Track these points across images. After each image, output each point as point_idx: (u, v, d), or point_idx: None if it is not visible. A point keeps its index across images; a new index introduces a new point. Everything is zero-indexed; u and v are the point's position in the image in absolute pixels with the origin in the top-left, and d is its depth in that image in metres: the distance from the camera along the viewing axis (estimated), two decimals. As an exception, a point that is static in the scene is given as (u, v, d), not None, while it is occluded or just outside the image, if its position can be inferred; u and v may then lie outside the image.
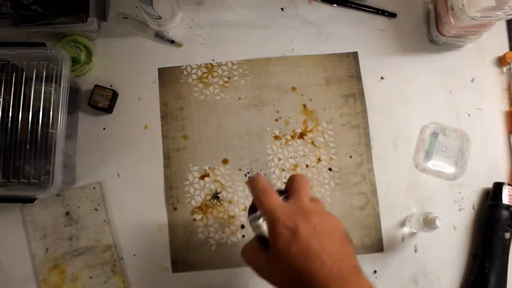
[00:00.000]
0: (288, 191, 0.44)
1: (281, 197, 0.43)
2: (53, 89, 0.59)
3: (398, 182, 0.64)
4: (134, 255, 0.63)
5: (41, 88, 0.59)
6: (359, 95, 0.66)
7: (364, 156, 0.65)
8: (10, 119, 0.59)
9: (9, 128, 0.59)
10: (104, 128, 0.66)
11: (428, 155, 0.65)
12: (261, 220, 0.43)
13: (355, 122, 0.65)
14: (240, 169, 0.64)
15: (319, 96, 0.66)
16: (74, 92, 0.65)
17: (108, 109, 0.65)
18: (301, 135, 0.65)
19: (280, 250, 0.39)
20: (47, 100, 0.59)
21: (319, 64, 0.66)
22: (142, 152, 0.65)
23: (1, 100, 0.59)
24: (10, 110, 0.59)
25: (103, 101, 0.64)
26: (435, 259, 0.63)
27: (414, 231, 0.62)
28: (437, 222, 0.55)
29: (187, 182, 0.64)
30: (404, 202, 0.64)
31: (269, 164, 0.64)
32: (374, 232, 0.63)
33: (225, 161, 0.64)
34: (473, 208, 0.64)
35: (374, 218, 0.63)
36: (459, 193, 0.65)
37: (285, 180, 0.63)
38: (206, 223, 0.63)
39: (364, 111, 0.66)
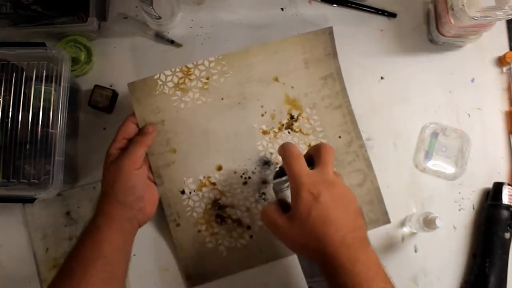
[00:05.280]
0: (314, 159, 0.47)
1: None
2: (53, 89, 0.59)
3: (398, 182, 0.64)
4: (134, 255, 0.63)
5: (41, 88, 0.59)
6: (337, 74, 0.65)
7: (352, 133, 0.64)
8: (10, 119, 0.59)
9: (9, 128, 0.59)
10: (104, 128, 0.66)
11: (428, 155, 0.65)
12: (286, 185, 0.47)
13: (337, 103, 0.64)
14: (235, 172, 0.63)
15: (300, 81, 0.64)
16: (74, 92, 0.65)
17: (108, 109, 0.65)
18: (288, 126, 0.64)
19: (301, 212, 0.43)
20: (47, 100, 0.59)
21: (297, 45, 0.64)
22: (142, 152, 0.65)
23: (1, 100, 0.59)
24: (10, 110, 0.59)
25: (103, 101, 0.64)
26: (435, 259, 0.63)
27: (414, 231, 0.62)
28: (437, 222, 0.55)
29: (185, 196, 0.62)
30: (404, 202, 0.64)
31: (263, 160, 0.63)
32: (378, 206, 0.63)
33: (219, 167, 0.63)
34: (473, 208, 0.64)
35: (375, 192, 0.63)
36: (459, 193, 0.65)
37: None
38: (212, 231, 0.62)
39: (344, 90, 0.65)
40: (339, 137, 0.64)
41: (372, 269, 0.43)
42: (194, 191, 0.62)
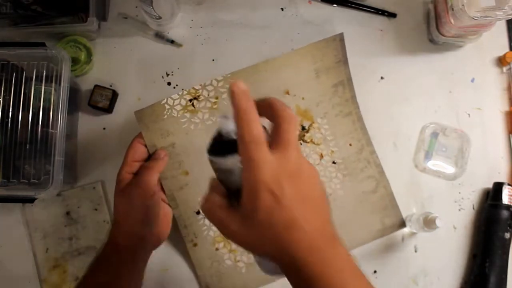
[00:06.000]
0: (272, 130, 0.36)
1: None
2: (53, 89, 0.59)
3: (398, 182, 0.64)
4: (134, 255, 0.63)
5: (41, 88, 0.59)
6: (347, 81, 0.64)
7: (363, 140, 0.64)
8: (10, 119, 0.59)
9: (9, 128, 0.59)
10: (104, 128, 0.66)
11: (428, 155, 0.65)
12: (236, 165, 0.35)
13: (347, 110, 0.64)
14: None
15: (311, 92, 0.64)
16: (74, 92, 0.65)
17: (108, 109, 0.65)
18: (300, 137, 0.64)
19: (260, 217, 0.34)
20: (47, 100, 0.59)
21: (307, 55, 0.63)
22: (142, 152, 0.65)
23: (1, 100, 0.59)
24: (10, 110, 0.59)
25: (103, 101, 0.64)
26: (435, 259, 0.63)
27: (414, 231, 0.62)
28: (437, 222, 0.55)
29: (201, 216, 0.61)
30: (404, 202, 0.64)
31: None
32: (392, 211, 0.63)
33: None
34: (473, 208, 0.64)
35: (389, 197, 0.63)
36: (459, 193, 0.65)
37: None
38: (230, 248, 0.62)
39: (354, 97, 0.64)
40: (350, 144, 0.64)
41: (343, 267, 0.36)
42: None
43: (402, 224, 0.63)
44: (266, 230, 0.34)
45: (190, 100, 0.61)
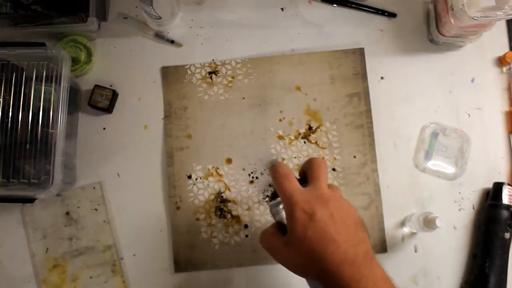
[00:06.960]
0: (307, 176, 0.45)
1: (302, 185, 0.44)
2: (53, 89, 0.59)
3: (398, 182, 0.64)
4: (134, 255, 0.63)
5: (41, 88, 0.59)
6: (364, 94, 0.65)
7: (368, 156, 0.64)
8: (10, 119, 0.59)
9: (9, 128, 0.59)
10: (104, 128, 0.66)
11: (428, 155, 0.65)
12: (281, 206, 0.45)
13: (359, 122, 0.65)
14: (244, 169, 0.64)
15: (323, 95, 0.65)
16: (74, 92, 0.65)
17: (108, 109, 0.65)
18: (305, 136, 0.64)
19: (297, 233, 0.40)
20: (47, 100, 0.59)
21: (324, 61, 0.66)
22: (142, 152, 0.65)
23: (1, 100, 0.59)
24: (10, 110, 0.59)
25: (103, 101, 0.64)
26: (435, 259, 0.63)
27: (414, 231, 0.62)
28: (437, 222, 0.55)
29: (191, 181, 0.64)
30: (404, 202, 0.64)
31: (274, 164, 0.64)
32: (378, 233, 0.63)
33: (228, 161, 0.64)
34: (473, 208, 0.64)
35: (378, 219, 0.63)
36: (459, 193, 0.65)
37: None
38: (209, 222, 0.63)
39: (369, 111, 0.65)
40: (354, 156, 0.64)
41: (378, 284, 0.39)
42: (201, 178, 0.64)
43: (384, 248, 0.63)
44: (303, 245, 0.40)
45: (210, 73, 0.66)
